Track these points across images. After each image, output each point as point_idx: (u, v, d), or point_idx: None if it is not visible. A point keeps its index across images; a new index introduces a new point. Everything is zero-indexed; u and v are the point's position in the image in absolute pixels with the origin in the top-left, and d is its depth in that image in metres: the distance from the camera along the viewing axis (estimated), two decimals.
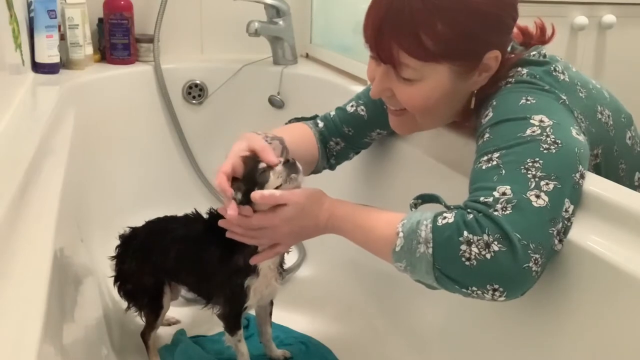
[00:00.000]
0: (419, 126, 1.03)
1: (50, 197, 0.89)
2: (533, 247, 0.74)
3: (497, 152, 0.83)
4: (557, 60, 0.96)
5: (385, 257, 0.86)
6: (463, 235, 0.76)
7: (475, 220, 0.77)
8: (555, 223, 0.77)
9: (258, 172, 0.97)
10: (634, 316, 0.73)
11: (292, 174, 0.97)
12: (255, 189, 0.96)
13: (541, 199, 0.77)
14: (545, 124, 0.83)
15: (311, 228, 0.98)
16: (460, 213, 0.79)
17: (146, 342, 1.22)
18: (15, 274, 0.66)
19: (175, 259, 1.14)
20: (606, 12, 1.95)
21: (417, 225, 0.81)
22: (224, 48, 2.03)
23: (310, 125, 1.24)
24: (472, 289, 0.77)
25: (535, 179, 0.78)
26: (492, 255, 0.74)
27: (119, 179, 1.77)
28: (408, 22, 0.87)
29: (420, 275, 0.81)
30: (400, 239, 0.82)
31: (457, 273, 0.77)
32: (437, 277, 0.79)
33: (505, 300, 0.77)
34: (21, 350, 0.54)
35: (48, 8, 1.55)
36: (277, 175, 0.97)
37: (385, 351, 1.28)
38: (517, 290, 0.77)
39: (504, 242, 0.74)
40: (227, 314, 1.11)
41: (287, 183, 0.97)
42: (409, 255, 0.81)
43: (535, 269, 0.75)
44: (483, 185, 0.81)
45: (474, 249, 0.75)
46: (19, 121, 1.09)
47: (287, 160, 0.98)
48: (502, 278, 0.75)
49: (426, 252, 0.79)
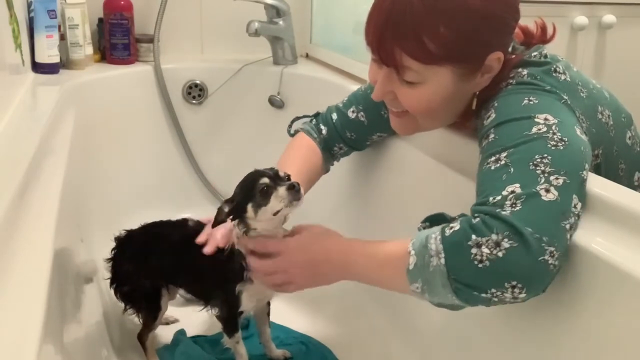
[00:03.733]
0: (420, 127, 1.03)
1: (50, 197, 0.89)
2: (547, 240, 0.74)
3: (504, 151, 0.83)
4: (558, 60, 0.96)
5: (400, 282, 0.83)
6: (471, 239, 0.75)
7: (482, 222, 0.76)
8: (567, 217, 0.76)
9: (258, 188, 0.94)
10: (634, 316, 0.73)
11: (294, 201, 0.94)
12: (249, 205, 0.95)
13: (551, 193, 0.76)
14: (550, 122, 0.83)
15: (325, 262, 0.96)
16: (466, 219, 0.79)
17: (143, 343, 1.21)
18: (15, 274, 0.66)
19: (172, 263, 1.13)
20: (606, 12, 1.95)
21: (427, 240, 0.80)
22: (224, 48, 2.03)
23: (314, 135, 1.27)
24: (492, 292, 0.75)
25: (544, 175, 0.78)
26: (504, 253, 0.74)
27: (119, 179, 1.77)
28: (410, 25, 0.87)
29: (438, 292, 0.80)
30: (412, 257, 0.81)
31: (473, 278, 0.76)
32: (455, 289, 0.77)
33: (526, 297, 0.75)
34: (21, 350, 0.54)
35: (48, 8, 1.55)
36: (280, 199, 0.94)
37: (385, 351, 1.28)
38: (536, 284, 0.75)
39: (515, 237, 0.74)
40: (225, 316, 1.11)
41: (287, 208, 0.95)
42: (423, 272, 0.80)
43: (552, 261, 0.74)
44: (492, 185, 0.80)
45: (484, 250, 0.74)
46: (19, 121, 1.09)
47: (292, 186, 0.94)
48: (519, 273, 0.74)
49: (439, 263, 0.78)
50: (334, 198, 1.54)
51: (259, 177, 0.96)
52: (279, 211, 0.95)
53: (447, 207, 0.87)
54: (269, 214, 0.95)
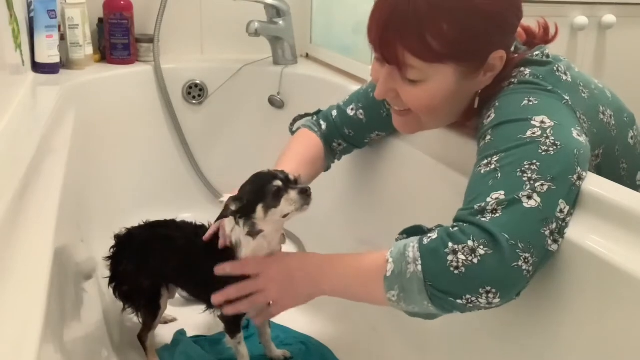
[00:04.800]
0: (423, 126, 1.03)
1: (50, 197, 0.89)
2: (522, 247, 0.75)
3: (496, 155, 0.83)
4: (560, 60, 0.96)
5: (377, 290, 0.85)
6: (448, 247, 0.77)
7: (459, 231, 0.78)
8: (548, 223, 0.78)
9: (270, 190, 0.95)
10: (633, 316, 0.73)
11: (305, 205, 0.95)
12: (260, 205, 0.95)
13: (533, 200, 0.78)
14: (546, 125, 0.83)
15: (300, 272, 0.98)
16: (444, 229, 0.81)
17: (143, 343, 1.21)
18: (15, 273, 0.66)
19: (174, 264, 1.13)
20: (606, 12, 1.94)
21: (405, 249, 0.82)
22: (224, 48, 2.03)
23: (315, 130, 1.28)
24: (467, 297, 0.77)
25: (530, 182, 0.79)
26: (480, 259, 0.75)
27: (119, 179, 1.77)
28: (413, 23, 0.87)
29: (414, 299, 0.81)
30: (390, 264, 0.83)
31: (448, 284, 0.78)
32: (431, 296, 0.79)
33: (500, 302, 0.77)
34: (21, 350, 0.54)
35: (48, 8, 1.55)
36: (291, 202, 0.95)
37: (385, 351, 1.28)
38: (509, 290, 0.77)
39: (490, 244, 0.76)
40: (228, 317, 1.11)
41: (297, 212, 0.95)
42: (400, 279, 0.81)
43: (526, 267, 0.75)
44: (479, 191, 0.82)
45: (460, 256, 0.76)
46: (19, 121, 1.09)
47: (304, 190, 0.95)
48: (493, 279, 0.76)
49: (416, 270, 0.79)
50: (334, 198, 1.54)
51: (271, 178, 0.96)
52: (288, 214, 0.96)
53: (446, 207, 0.87)
54: (278, 215, 0.96)
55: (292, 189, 0.95)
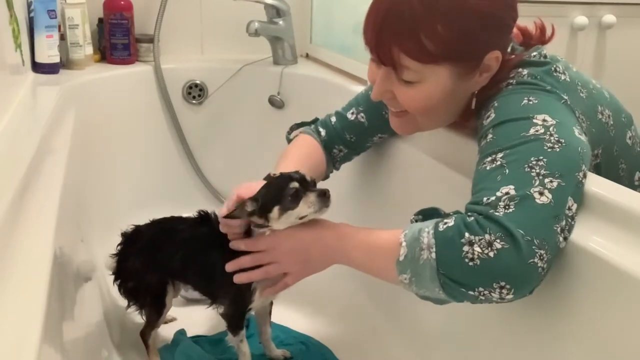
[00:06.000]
0: (420, 127, 1.03)
1: (50, 197, 0.89)
2: (537, 243, 0.74)
3: (500, 152, 0.83)
4: (558, 60, 0.96)
5: (389, 271, 0.84)
6: (465, 237, 0.76)
7: (476, 222, 0.77)
8: (559, 220, 0.77)
9: (287, 192, 0.94)
10: (633, 315, 0.73)
11: (323, 208, 0.95)
12: (277, 207, 0.95)
13: (544, 196, 0.77)
14: (548, 123, 0.83)
15: (315, 244, 0.97)
16: (461, 217, 0.79)
17: (146, 341, 1.21)
18: (15, 274, 0.66)
19: (182, 259, 1.13)
20: (606, 12, 1.95)
21: (419, 233, 0.81)
22: (224, 48, 2.03)
23: (314, 136, 1.26)
24: (479, 290, 0.76)
25: (539, 177, 0.78)
26: (496, 253, 0.74)
27: (119, 179, 1.77)
28: (408, 24, 0.87)
29: (426, 285, 0.81)
30: (403, 248, 0.82)
31: (462, 275, 0.77)
32: (443, 284, 0.78)
33: (513, 298, 0.76)
34: (21, 350, 0.54)
35: (48, 8, 1.55)
36: (310, 204, 0.94)
37: (385, 351, 1.28)
38: (524, 286, 0.76)
39: (507, 239, 0.74)
40: (232, 313, 1.11)
41: (315, 214, 0.95)
42: (412, 265, 0.81)
43: (541, 264, 0.75)
44: (487, 185, 0.81)
45: (476, 248, 0.75)
46: (19, 121, 1.09)
47: (323, 193, 0.95)
48: (508, 275, 0.75)
49: (429, 257, 0.78)
50: (334, 198, 1.54)
51: (289, 180, 0.96)
52: (305, 216, 0.95)
53: (447, 207, 0.87)
54: (294, 217, 0.96)
55: (311, 191, 0.95)
